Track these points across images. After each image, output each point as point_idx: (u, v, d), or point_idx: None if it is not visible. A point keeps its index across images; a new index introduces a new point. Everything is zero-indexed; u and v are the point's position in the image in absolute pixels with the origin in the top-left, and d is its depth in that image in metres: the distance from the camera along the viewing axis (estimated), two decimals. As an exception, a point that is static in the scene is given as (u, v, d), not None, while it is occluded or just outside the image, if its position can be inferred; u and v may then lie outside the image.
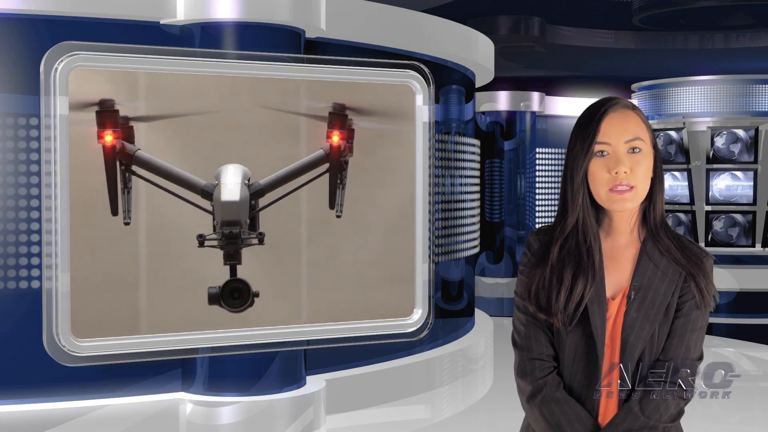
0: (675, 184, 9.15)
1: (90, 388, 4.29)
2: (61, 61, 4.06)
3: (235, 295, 4.45)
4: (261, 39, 4.43)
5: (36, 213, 4.16)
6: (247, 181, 4.43)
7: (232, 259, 4.44)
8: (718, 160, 8.99)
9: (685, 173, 9.06)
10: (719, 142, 8.93)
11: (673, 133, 9.07)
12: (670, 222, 8.96)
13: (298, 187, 4.59)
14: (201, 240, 4.38)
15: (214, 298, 4.44)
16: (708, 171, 9.00)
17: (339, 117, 4.68)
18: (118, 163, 4.24)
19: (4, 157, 4.13)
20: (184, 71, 4.32)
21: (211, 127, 4.44)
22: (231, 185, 4.39)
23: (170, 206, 4.36)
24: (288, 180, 4.57)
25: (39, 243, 4.16)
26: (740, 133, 8.90)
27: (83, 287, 4.16)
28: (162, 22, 4.36)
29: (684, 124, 9.11)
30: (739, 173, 8.97)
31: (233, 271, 4.47)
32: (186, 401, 4.42)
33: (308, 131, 4.63)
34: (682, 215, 9.12)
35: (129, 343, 4.25)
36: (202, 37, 4.38)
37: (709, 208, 9.02)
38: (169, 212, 4.37)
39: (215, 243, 4.40)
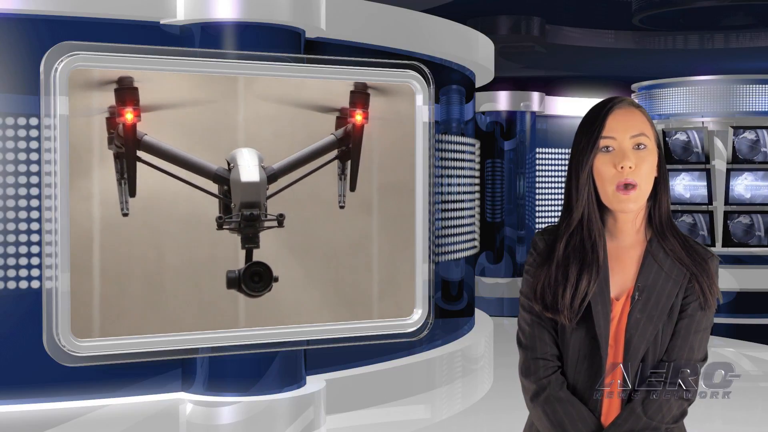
0: (691, 184, 9.09)
1: (90, 388, 4.28)
2: (61, 61, 4.06)
3: (255, 279, 4.36)
4: (261, 39, 4.43)
5: (36, 213, 4.15)
6: (261, 164, 4.38)
7: (251, 242, 4.33)
8: (737, 161, 8.94)
9: (704, 173, 9.00)
10: (748, 137, 8.86)
11: (692, 133, 9.01)
12: (686, 222, 8.94)
13: (305, 174, 4.53)
14: (220, 222, 4.28)
15: (234, 282, 4.35)
16: (729, 171, 8.95)
17: (362, 96, 4.65)
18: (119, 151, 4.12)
19: (4, 157, 4.13)
20: (184, 71, 4.32)
21: (212, 116, 4.40)
22: (250, 167, 4.30)
23: (168, 201, 4.35)
24: (300, 165, 4.49)
25: (39, 243, 4.16)
26: (751, 134, 8.86)
27: (83, 287, 4.15)
28: (162, 22, 4.36)
29: (703, 123, 9.09)
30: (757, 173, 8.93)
31: (249, 256, 4.35)
32: (186, 401, 4.42)
33: (317, 119, 4.59)
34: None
35: (129, 343, 4.24)
36: (202, 37, 4.38)
37: (727, 208, 8.97)
38: (168, 208, 4.36)
39: (233, 225, 4.31)
